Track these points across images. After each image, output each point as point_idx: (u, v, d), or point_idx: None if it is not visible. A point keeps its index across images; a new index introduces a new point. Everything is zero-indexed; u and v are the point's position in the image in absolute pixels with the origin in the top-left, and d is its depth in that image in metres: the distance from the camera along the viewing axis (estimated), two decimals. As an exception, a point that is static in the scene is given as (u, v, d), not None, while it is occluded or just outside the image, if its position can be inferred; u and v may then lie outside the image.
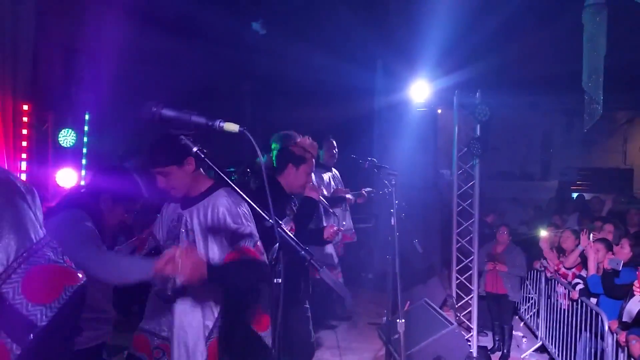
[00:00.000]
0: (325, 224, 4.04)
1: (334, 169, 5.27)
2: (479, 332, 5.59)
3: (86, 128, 6.09)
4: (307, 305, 3.16)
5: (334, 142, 5.23)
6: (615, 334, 3.97)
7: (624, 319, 3.95)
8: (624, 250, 4.34)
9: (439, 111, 9.59)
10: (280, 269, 1.30)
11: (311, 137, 4.70)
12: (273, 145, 4.46)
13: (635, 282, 3.44)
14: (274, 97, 9.59)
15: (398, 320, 2.50)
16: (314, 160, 3.21)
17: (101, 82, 6.59)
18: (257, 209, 1.41)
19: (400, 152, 7.06)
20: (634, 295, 3.92)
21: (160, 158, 2.14)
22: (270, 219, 1.34)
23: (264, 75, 8.31)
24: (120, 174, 2.40)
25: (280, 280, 1.29)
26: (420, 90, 6.30)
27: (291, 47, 6.56)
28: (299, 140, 3.22)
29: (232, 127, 1.37)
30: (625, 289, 4.08)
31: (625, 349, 3.79)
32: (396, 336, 2.70)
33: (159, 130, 1.81)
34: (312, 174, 3.27)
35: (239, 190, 1.43)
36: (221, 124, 1.38)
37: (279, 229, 1.33)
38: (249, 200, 1.42)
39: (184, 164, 2.13)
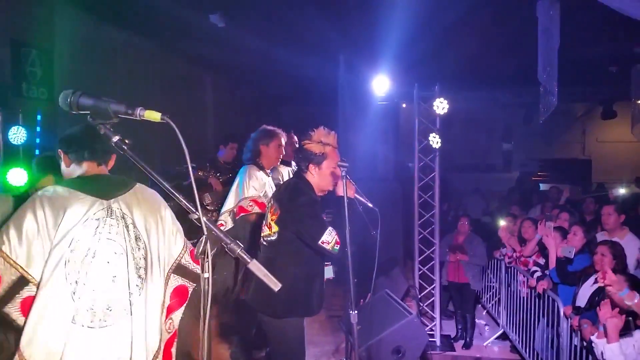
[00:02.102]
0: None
1: (293, 163, 5.22)
2: (441, 321, 5.67)
3: (38, 125, 5.84)
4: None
5: (295, 137, 5.18)
6: (569, 319, 4.08)
7: (577, 304, 4.06)
8: (577, 237, 4.45)
9: (404, 105, 9.66)
10: (209, 263, 1.25)
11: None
12: (252, 142, 4.40)
13: (589, 270, 3.49)
14: (236, 91, 9.47)
15: (351, 312, 2.49)
16: (336, 150, 2.79)
17: (54, 78, 6.35)
18: (182, 202, 1.35)
19: (363, 145, 7.08)
20: (585, 281, 4.04)
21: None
22: (196, 211, 1.29)
23: (225, 68, 8.18)
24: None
25: (208, 275, 1.24)
26: (381, 85, 6.32)
27: (252, 40, 6.46)
28: (314, 133, 2.79)
29: (154, 115, 1.29)
30: (578, 275, 4.19)
31: (579, 333, 3.89)
32: (357, 327, 2.67)
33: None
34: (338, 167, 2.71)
35: (164, 184, 1.37)
36: (142, 112, 1.31)
37: (205, 221, 1.28)
38: (174, 194, 1.36)
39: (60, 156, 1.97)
